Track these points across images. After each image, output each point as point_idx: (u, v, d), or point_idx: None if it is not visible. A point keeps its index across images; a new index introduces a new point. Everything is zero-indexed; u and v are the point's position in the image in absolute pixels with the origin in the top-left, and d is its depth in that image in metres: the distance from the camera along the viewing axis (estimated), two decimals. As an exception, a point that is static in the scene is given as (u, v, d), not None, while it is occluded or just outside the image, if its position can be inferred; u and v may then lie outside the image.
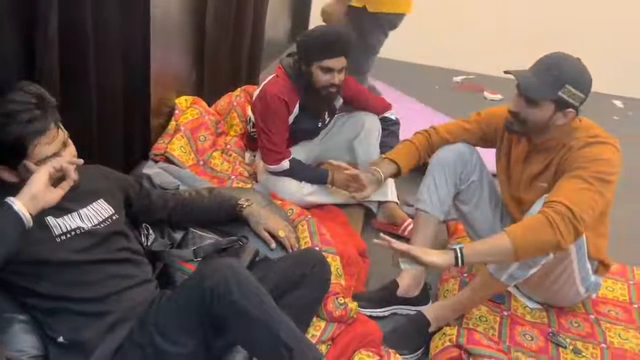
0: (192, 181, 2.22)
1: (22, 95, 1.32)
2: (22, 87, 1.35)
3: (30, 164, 1.32)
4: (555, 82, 1.66)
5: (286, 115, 2.37)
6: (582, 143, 1.70)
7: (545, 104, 1.69)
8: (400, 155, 2.07)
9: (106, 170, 1.67)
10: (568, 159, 1.71)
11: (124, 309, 1.43)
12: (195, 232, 1.81)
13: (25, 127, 1.30)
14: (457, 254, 1.58)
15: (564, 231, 1.54)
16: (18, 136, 1.30)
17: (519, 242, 1.58)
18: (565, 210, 1.54)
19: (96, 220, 1.49)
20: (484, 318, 1.88)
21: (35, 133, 1.32)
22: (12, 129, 1.29)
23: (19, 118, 1.30)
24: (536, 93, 1.68)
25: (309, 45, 2.28)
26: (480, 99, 4.41)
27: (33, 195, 1.24)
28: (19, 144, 1.31)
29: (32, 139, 1.32)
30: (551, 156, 1.77)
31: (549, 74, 1.67)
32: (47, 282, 1.38)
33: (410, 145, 2.06)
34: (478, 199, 2.02)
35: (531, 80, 1.69)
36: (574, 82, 1.65)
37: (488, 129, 1.97)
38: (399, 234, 2.45)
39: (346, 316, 1.76)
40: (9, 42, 1.48)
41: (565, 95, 1.66)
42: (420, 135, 2.08)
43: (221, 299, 1.27)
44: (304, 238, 1.96)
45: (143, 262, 1.60)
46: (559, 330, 1.88)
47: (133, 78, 2.07)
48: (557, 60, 1.69)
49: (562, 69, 1.66)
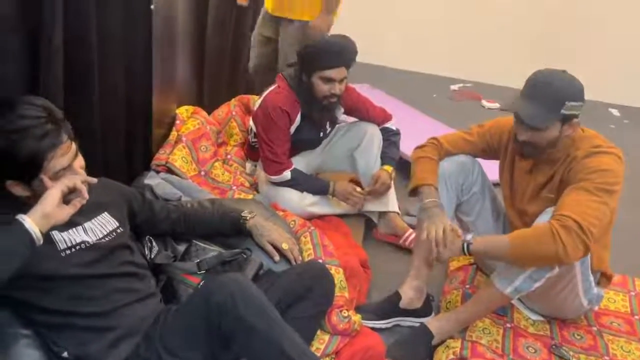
0: (193, 192, 2.22)
1: (31, 109, 1.31)
2: (29, 101, 1.34)
3: (46, 179, 1.31)
4: (555, 103, 1.65)
5: (287, 126, 2.38)
6: (585, 153, 1.71)
7: (552, 125, 1.69)
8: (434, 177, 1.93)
9: (110, 182, 1.67)
10: (572, 169, 1.72)
11: (129, 323, 1.43)
12: (198, 245, 1.81)
13: (40, 142, 1.29)
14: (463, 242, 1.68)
15: (570, 247, 1.54)
16: (33, 152, 1.29)
17: (516, 245, 1.61)
18: (574, 225, 1.55)
19: (100, 234, 1.49)
20: (487, 330, 1.88)
21: (51, 147, 1.31)
22: (27, 144, 1.28)
23: (33, 133, 1.28)
24: (542, 122, 1.67)
25: (310, 55, 2.29)
26: (478, 107, 4.43)
27: (45, 214, 1.24)
28: (35, 159, 1.30)
29: (47, 153, 1.30)
30: (556, 167, 1.78)
31: (545, 96, 1.66)
32: (51, 297, 1.37)
33: (433, 163, 1.96)
34: (480, 210, 2.02)
35: (532, 111, 1.67)
36: (571, 97, 1.66)
37: (491, 140, 1.97)
38: (400, 245, 2.45)
39: (350, 329, 1.76)
40: (14, 54, 1.48)
41: (567, 111, 1.66)
42: (430, 148, 2.00)
43: (228, 314, 1.27)
44: (307, 250, 1.95)
45: (147, 276, 1.59)
46: (562, 343, 1.88)
47: (135, 89, 2.08)
48: (547, 80, 1.68)
49: (556, 88, 1.66)
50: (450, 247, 1.71)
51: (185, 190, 2.21)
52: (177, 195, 2.14)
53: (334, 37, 2.32)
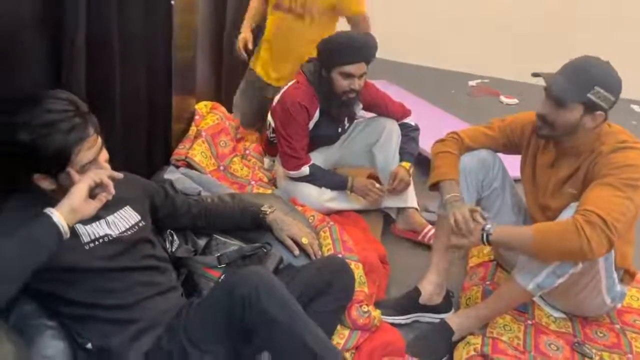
0: (213, 186, 2.23)
1: (57, 103, 1.33)
2: (55, 95, 1.35)
3: (74, 172, 1.32)
4: (584, 84, 1.64)
5: (306, 121, 2.38)
6: (611, 148, 1.68)
7: (574, 106, 1.67)
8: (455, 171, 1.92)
9: (132, 177, 1.68)
10: (597, 164, 1.69)
11: (150, 316, 1.44)
12: (219, 239, 1.82)
13: (67, 135, 1.30)
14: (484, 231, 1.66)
15: (594, 242, 1.52)
16: (61, 145, 1.30)
17: (540, 239, 1.59)
18: (598, 220, 1.53)
19: (123, 227, 1.50)
20: (508, 327, 1.86)
21: (78, 141, 1.32)
22: (54, 138, 1.29)
23: (60, 127, 1.30)
24: (565, 94, 1.66)
25: (330, 50, 2.28)
26: (496, 103, 4.39)
27: (73, 208, 1.26)
28: (62, 153, 1.31)
29: (75, 147, 1.32)
30: (580, 161, 1.75)
31: (577, 75, 1.66)
32: (75, 289, 1.39)
33: (454, 157, 1.94)
34: (500, 206, 2.00)
35: (560, 83, 1.67)
36: (603, 84, 1.64)
37: (513, 135, 1.95)
38: (418, 241, 2.44)
39: (370, 324, 1.76)
40: (37, 56, 1.49)
41: (594, 97, 1.64)
42: (450, 142, 1.99)
43: (251, 307, 1.27)
44: (327, 245, 1.95)
45: (168, 269, 1.60)
46: (585, 340, 1.86)
47: (156, 86, 2.09)
48: (585, 62, 1.68)
49: (590, 71, 1.65)
50: (469, 236, 1.70)
51: (205, 185, 2.22)
52: (196, 190, 2.15)
53: (354, 32, 2.32)
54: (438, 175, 1.89)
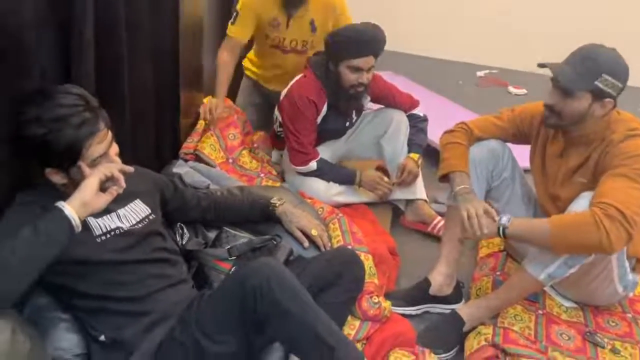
0: (221, 179, 2.24)
1: (68, 97, 1.34)
2: (66, 90, 1.36)
3: (84, 166, 1.34)
4: (591, 72, 1.63)
5: (314, 116, 2.37)
6: (622, 137, 1.67)
7: (581, 95, 1.66)
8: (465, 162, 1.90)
9: (142, 170, 1.69)
10: (609, 153, 1.67)
11: (162, 308, 1.45)
12: (229, 231, 1.83)
13: (78, 130, 1.32)
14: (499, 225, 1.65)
15: (613, 235, 1.50)
16: (72, 140, 1.31)
17: (557, 232, 1.58)
18: (617, 214, 1.51)
19: (134, 220, 1.51)
20: (519, 317, 1.86)
21: (89, 135, 1.33)
22: (65, 133, 1.30)
23: (71, 122, 1.31)
24: (572, 84, 1.65)
25: (338, 44, 2.26)
26: (504, 93, 4.36)
27: (84, 202, 1.27)
28: (73, 147, 1.32)
29: (86, 141, 1.33)
30: (590, 150, 1.74)
31: (584, 64, 1.64)
32: (88, 282, 1.40)
33: (463, 148, 1.93)
34: (510, 196, 1.99)
35: (566, 71, 1.66)
36: (610, 71, 1.62)
37: (522, 125, 1.94)
38: (428, 232, 2.44)
39: (380, 315, 1.76)
40: (46, 48, 1.49)
41: (602, 85, 1.63)
42: (460, 133, 1.98)
43: (263, 298, 1.28)
44: (336, 237, 1.95)
45: (179, 262, 1.61)
46: (596, 330, 1.85)
47: (163, 80, 2.09)
48: (591, 50, 1.66)
49: (597, 59, 1.64)
50: (477, 232, 1.69)
51: (214, 178, 2.23)
52: (205, 183, 2.15)
53: (363, 26, 2.28)
54: (448, 167, 1.89)
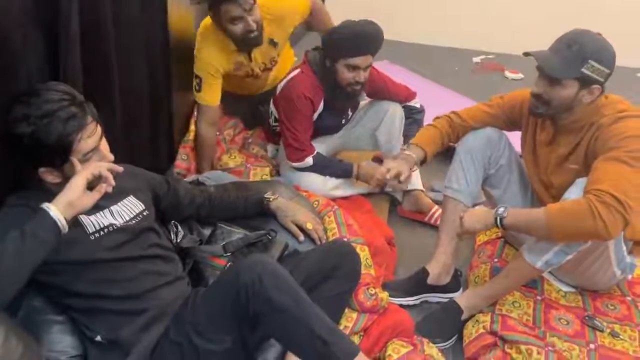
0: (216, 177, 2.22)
1: (54, 94, 1.34)
2: (51, 87, 1.36)
3: (76, 162, 1.33)
4: (577, 59, 1.62)
5: (311, 113, 2.35)
6: (611, 120, 1.65)
7: (569, 83, 1.65)
8: (426, 141, 2.02)
9: (134, 168, 1.68)
10: (599, 137, 1.66)
11: (158, 307, 1.44)
12: (224, 228, 1.82)
13: (66, 124, 1.31)
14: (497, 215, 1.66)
15: (610, 222, 1.49)
16: (61, 135, 1.31)
17: (554, 222, 1.57)
18: (612, 200, 1.49)
19: (127, 217, 1.51)
20: (517, 303, 1.85)
21: (77, 128, 1.33)
22: (54, 128, 1.30)
23: (58, 116, 1.31)
24: (559, 72, 1.64)
25: (336, 41, 2.23)
26: (501, 78, 4.33)
27: (69, 202, 1.26)
28: (63, 142, 1.32)
29: (75, 134, 1.33)
30: (580, 136, 1.73)
31: (569, 50, 1.63)
32: (81, 281, 1.39)
33: (435, 131, 2.02)
34: (507, 183, 1.99)
35: (552, 60, 1.65)
36: (596, 57, 1.61)
37: (512, 112, 1.93)
38: (425, 222, 2.43)
39: (378, 306, 1.76)
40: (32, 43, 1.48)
41: (588, 71, 1.62)
42: (442, 120, 2.04)
43: (257, 295, 1.27)
44: (332, 229, 1.95)
45: (174, 259, 1.61)
46: (595, 314, 1.85)
47: (154, 76, 2.07)
48: (576, 36, 1.65)
49: (582, 45, 1.62)
50: (482, 221, 1.69)
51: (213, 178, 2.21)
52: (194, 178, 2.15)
53: (361, 23, 2.24)
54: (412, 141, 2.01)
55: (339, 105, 2.43)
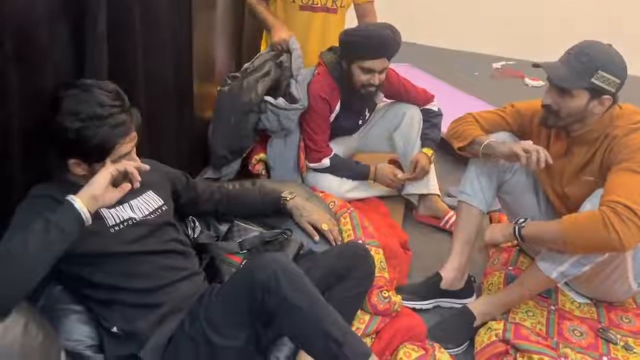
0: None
1: (105, 96, 1.37)
2: (102, 86, 1.39)
3: (109, 163, 1.37)
4: (586, 69, 1.62)
5: (328, 114, 2.36)
6: (625, 131, 1.65)
7: (578, 93, 1.65)
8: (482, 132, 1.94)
9: (154, 163, 1.69)
10: (613, 149, 1.66)
11: (174, 301, 1.46)
12: (240, 225, 1.84)
13: (112, 131, 1.36)
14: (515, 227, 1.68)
15: (624, 234, 1.48)
16: (105, 139, 1.35)
17: (568, 234, 1.57)
18: (626, 211, 1.49)
19: (147, 211, 1.53)
20: (530, 312, 1.85)
21: (122, 136, 1.38)
22: (101, 131, 1.34)
23: (109, 122, 1.35)
24: (568, 82, 1.64)
25: (352, 44, 2.23)
26: (521, 85, 4.31)
27: (93, 195, 1.29)
28: (105, 146, 1.36)
29: (118, 140, 1.37)
30: (594, 148, 1.72)
31: (578, 61, 1.63)
32: (101, 273, 1.42)
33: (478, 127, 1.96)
34: (522, 189, 1.97)
35: (561, 70, 1.65)
36: (605, 67, 1.61)
37: (523, 122, 1.92)
38: (440, 227, 2.43)
39: (390, 309, 1.76)
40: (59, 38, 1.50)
41: (598, 82, 1.61)
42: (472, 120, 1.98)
43: (272, 294, 1.28)
44: (347, 231, 1.95)
45: (191, 254, 1.63)
46: (609, 326, 1.83)
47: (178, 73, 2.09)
48: (585, 47, 1.65)
49: (591, 55, 1.62)
50: (503, 232, 1.70)
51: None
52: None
53: (378, 27, 2.24)
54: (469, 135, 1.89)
55: (356, 106, 2.43)
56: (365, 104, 2.45)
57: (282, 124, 2.30)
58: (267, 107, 2.28)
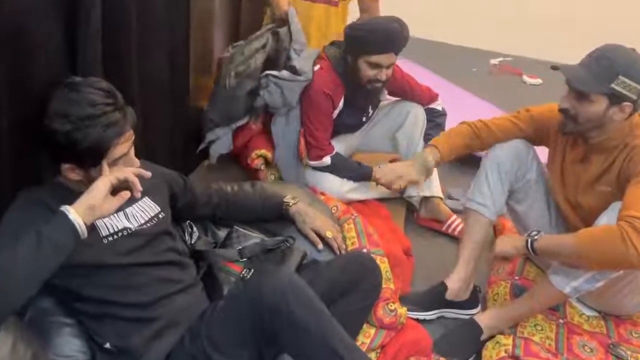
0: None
1: (96, 94, 1.26)
2: (93, 84, 1.28)
3: (106, 166, 1.27)
4: (607, 73, 1.55)
5: (331, 111, 2.27)
6: None
7: (598, 98, 1.59)
8: (444, 143, 1.94)
9: (150, 165, 1.60)
10: (632, 159, 1.60)
11: (170, 315, 1.39)
12: (239, 231, 1.75)
13: (105, 130, 1.25)
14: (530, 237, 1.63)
15: None
16: (98, 140, 1.24)
17: (584, 249, 1.52)
18: None
19: (142, 220, 1.44)
20: (539, 326, 1.79)
21: (116, 136, 1.27)
22: (93, 132, 1.23)
23: (100, 121, 1.24)
24: (587, 86, 1.57)
25: (359, 38, 2.14)
26: (519, 83, 4.25)
27: (91, 205, 1.19)
28: (100, 147, 1.25)
29: (112, 141, 1.26)
30: (612, 157, 1.66)
31: (598, 65, 1.57)
32: (93, 286, 1.33)
33: (454, 136, 1.94)
34: (533, 198, 1.92)
35: (580, 74, 1.58)
36: (627, 73, 1.54)
37: (540, 128, 1.86)
38: (442, 231, 2.36)
39: (396, 323, 1.70)
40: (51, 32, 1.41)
41: (618, 87, 1.55)
42: (466, 125, 1.94)
43: (281, 315, 1.22)
44: (351, 238, 1.88)
45: (188, 264, 1.54)
46: (619, 341, 1.79)
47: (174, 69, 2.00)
48: (607, 50, 1.59)
49: (613, 59, 1.56)
50: (514, 245, 1.64)
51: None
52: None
53: (386, 20, 2.15)
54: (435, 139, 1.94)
55: (360, 102, 2.35)
56: (370, 100, 2.37)
57: (286, 97, 2.24)
58: (268, 81, 2.24)
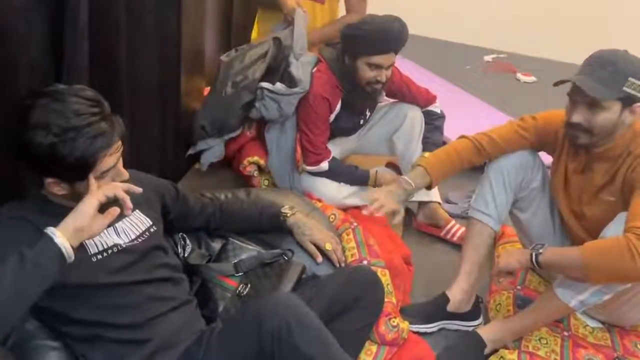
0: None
1: (81, 103, 1.17)
2: (77, 93, 1.19)
3: (92, 180, 1.19)
4: (617, 78, 1.51)
5: (328, 115, 2.20)
6: None
7: (611, 105, 1.54)
8: (435, 165, 1.82)
9: (140, 175, 1.52)
10: (636, 169, 1.56)
11: (164, 335, 1.32)
12: (235, 243, 1.68)
13: (92, 142, 1.16)
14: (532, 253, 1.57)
15: None
16: (85, 153, 1.16)
17: (590, 262, 1.46)
18: None
19: (133, 235, 1.36)
20: (544, 340, 1.75)
21: (103, 148, 1.18)
22: (78, 145, 1.15)
23: (86, 132, 1.15)
24: (600, 92, 1.52)
25: (358, 38, 2.07)
26: (513, 81, 4.20)
27: (78, 227, 1.11)
28: (86, 161, 1.17)
29: (100, 153, 1.18)
30: (616, 166, 1.62)
31: (604, 71, 1.52)
32: (81, 307, 1.26)
33: (452, 154, 1.82)
34: (537, 207, 1.86)
35: (589, 82, 1.52)
36: (635, 74, 1.51)
37: (546, 137, 1.79)
38: (441, 237, 2.31)
39: (399, 338, 1.64)
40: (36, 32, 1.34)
41: (630, 90, 1.51)
42: (467, 141, 1.84)
43: (282, 343, 1.16)
44: (351, 249, 1.81)
45: (182, 280, 1.47)
46: (625, 354, 1.75)
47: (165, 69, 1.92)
48: (607, 56, 1.55)
49: (616, 63, 1.52)
50: (518, 258, 1.59)
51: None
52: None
53: (385, 19, 2.07)
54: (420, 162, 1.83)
55: (358, 105, 2.28)
56: (367, 102, 2.30)
57: (283, 109, 2.18)
58: (264, 94, 2.15)
